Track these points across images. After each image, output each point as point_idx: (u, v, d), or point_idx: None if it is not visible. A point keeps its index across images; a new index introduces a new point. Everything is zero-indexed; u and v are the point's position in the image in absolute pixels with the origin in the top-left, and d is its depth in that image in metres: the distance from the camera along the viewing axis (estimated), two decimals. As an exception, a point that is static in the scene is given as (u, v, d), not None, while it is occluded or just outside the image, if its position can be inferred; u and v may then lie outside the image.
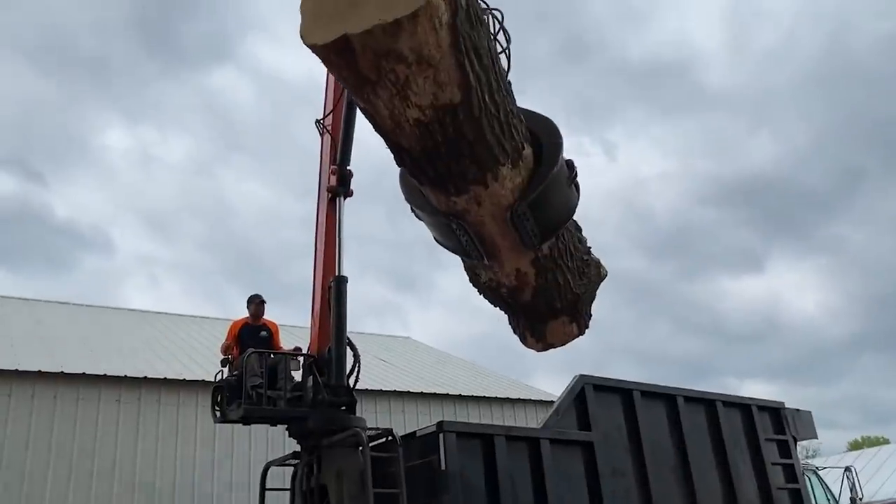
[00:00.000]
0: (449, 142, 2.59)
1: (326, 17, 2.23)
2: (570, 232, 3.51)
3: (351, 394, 7.18)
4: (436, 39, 2.22)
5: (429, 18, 2.16)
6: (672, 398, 8.74)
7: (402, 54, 2.23)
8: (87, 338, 15.03)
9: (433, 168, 2.78)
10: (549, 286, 3.49)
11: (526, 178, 2.98)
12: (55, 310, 17.72)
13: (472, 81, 2.42)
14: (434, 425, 6.95)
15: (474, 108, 2.49)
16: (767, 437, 9.56)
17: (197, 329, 18.19)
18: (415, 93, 2.39)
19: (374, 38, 2.17)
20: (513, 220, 3.02)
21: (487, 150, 2.69)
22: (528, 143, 2.99)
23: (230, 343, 8.02)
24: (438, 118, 2.49)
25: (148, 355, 14.25)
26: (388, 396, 14.33)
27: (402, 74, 2.31)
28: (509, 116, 2.72)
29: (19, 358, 11.97)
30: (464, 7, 2.30)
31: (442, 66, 2.32)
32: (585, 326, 3.98)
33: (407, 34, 2.17)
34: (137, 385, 12.17)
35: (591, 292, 3.79)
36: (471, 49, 2.36)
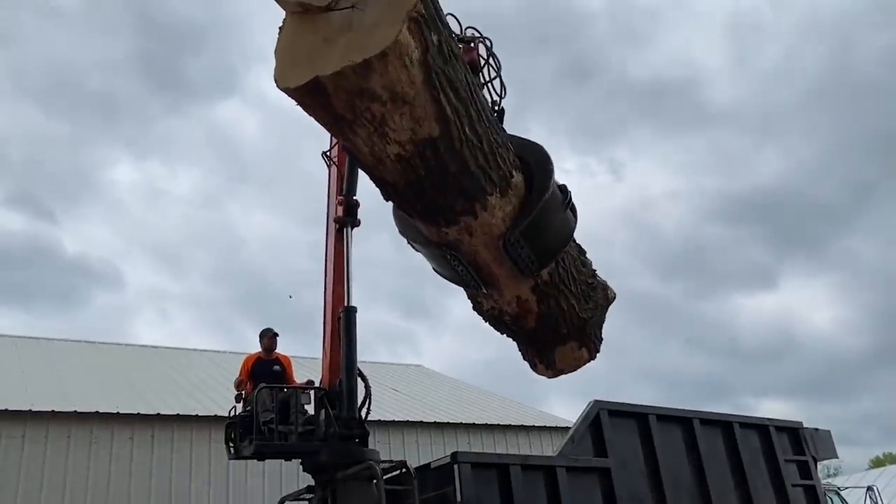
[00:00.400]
0: (432, 175, 2.58)
1: (299, 60, 2.24)
2: (571, 256, 3.46)
3: (363, 426, 7.15)
4: (408, 77, 2.23)
5: (398, 57, 2.17)
6: (688, 421, 8.65)
7: (376, 93, 2.24)
8: (100, 376, 15.04)
9: (420, 201, 2.75)
10: (552, 312, 3.44)
11: (517, 206, 2.94)
12: (67, 348, 17.75)
13: (450, 115, 2.42)
14: (448, 456, 6.89)
15: (454, 140, 2.48)
16: (787, 458, 9.44)
17: (208, 363, 18.18)
18: (392, 129, 2.40)
19: (346, 78, 2.17)
20: (506, 248, 2.99)
21: (473, 180, 2.68)
22: (517, 170, 2.95)
23: (243, 378, 8.03)
24: (419, 152, 2.49)
25: (160, 392, 14.23)
26: (401, 427, 14.23)
27: (378, 112, 2.31)
28: (494, 146, 2.70)
29: (32, 398, 11.97)
30: (435, 43, 2.31)
31: (417, 102, 2.33)
32: (596, 351, 3.93)
33: (378, 73, 2.17)
34: (150, 422, 12.13)
35: (600, 316, 3.73)
36: (446, 83, 2.36)
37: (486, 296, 3.43)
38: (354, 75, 2.16)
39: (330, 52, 2.19)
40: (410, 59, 2.19)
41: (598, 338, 3.78)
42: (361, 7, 2.26)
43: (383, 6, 2.20)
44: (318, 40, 2.25)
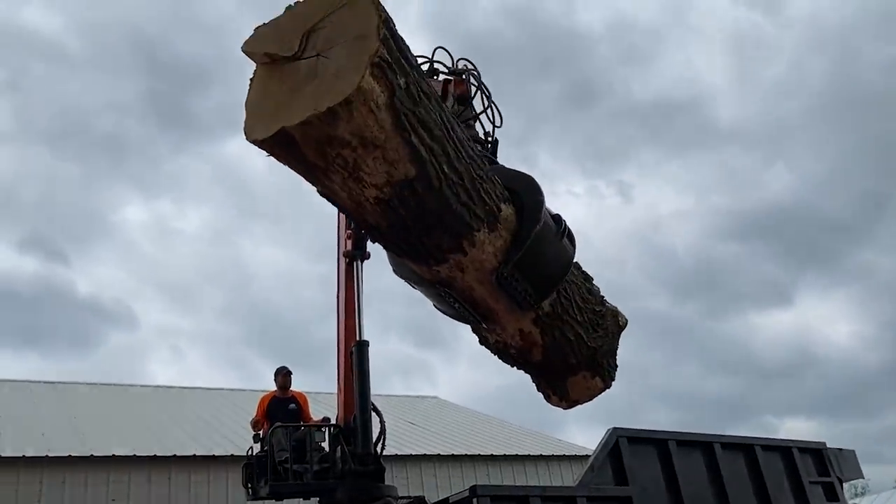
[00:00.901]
0: (414, 215, 2.57)
1: (267, 111, 2.25)
2: (575, 285, 3.40)
3: (379, 461, 7.09)
4: (376, 121, 2.23)
5: (363, 102, 2.17)
6: (709, 446, 8.51)
7: (345, 139, 2.23)
8: (115, 418, 15.03)
9: (405, 242, 2.72)
10: (558, 343, 3.39)
11: (508, 239, 2.87)
12: (82, 392, 17.78)
13: (425, 155, 2.41)
14: (467, 490, 6.79)
15: (433, 179, 2.47)
16: (812, 480, 9.25)
17: (223, 401, 18.14)
18: (367, 173, 2.39)
19: (313, 127, 2.17)
20: (500, 283, 2.94)
21: (457, 218, 2.66)
22: (506, 202, 2.90)
23: (259, 418, 8.01)
24: (397, 194, 2.48)
25: (176, 432, 14.20)
26: (418, 461, 14.11)
27: (350, 158, 2.31)
28: (476, 181, 2.67)
29: (49, 443, 11.97)
30: (402, 86, 2.30)
31: (389, 145, 2.32)
32: (611, 379, 3.86)
33: (344, 120, 2.17)
34: (167, 464, 12.09)
35: (611, 343, 3.67)
36: (417, 124, 2.34)
37: (488, 330, 3.37)
38: (321, 123, 2.17)
39: (296, 102, 2.20)
40: (376, 104, 2.20)
41: (611, 366, 3.73)
42: (326, 55, 2.27)
43: (346, 53, 2.21)
44: (286, 90, 2.27)
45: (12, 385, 17.48)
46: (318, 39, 2.31)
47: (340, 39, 2.26)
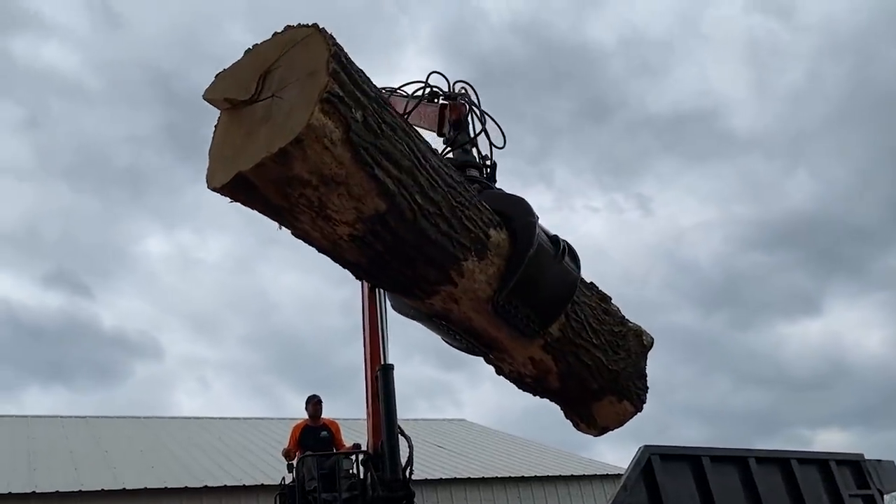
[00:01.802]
0: (392, 250, 2.49)
1: (226, 157, 2.22)
2: (588, 306, 3.23)
3: (407, 487, 7.06)
4: (332, 158, 2.16)
5: (316, 140, 2.10)
6: (743, 461, 8.37)
7: (303, 178, 2.18)
8: (146, 451, 15.12)
9: (389, 277, 2.64)
10: (574, 369, 3.20)
11: (502, 266, 2.76)
12: (112, 425, 17.93)
13: (392, 187, 2.33)
14: (499, 512, 6.74)
15: (405, 211, 2.39)
16: (851, 494, 9.05)
17: (252, 430, 18.19)
18: (335, 211, 2.32)
19: (268, 170, 2.13)
20: (497, 312, 2.81)
21: (439, 249, 2.56)
22: (497, 227, 2.78)
23: (291, 447, 8.07)
24: (370, 229, 2.40)
25: (206, 463, 14.25)
26: (448, 484, 14.01)
27: (314, 197, 2.25)
28: (458, 209, 2.58)
29: (81, 478, 12.07)
30: (359, 119, 2.21)
31: (352, 181, 2.25)
32: (641, 402, 3.56)
33: (298, 160, 2.12)
34: (199, 495, 12.13)
35: (635, 364, 3.45)
36: (380, 157, 2.27)
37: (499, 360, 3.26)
38: (275, 165, 2.11)
39: (252, 145, 2.16)
40: (331, 140, 2.12)
41: (640, 388, 3.53)
42: (280, 95, 2.23)
43: (298, 92, 2.17)
44: (243, 134, 2.23)
45: (46, 420, 17.69)
46: (273, 80, 2.28)
47: (293, 78, 2.23)
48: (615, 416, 3.51)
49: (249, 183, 2.18)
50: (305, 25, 2.27)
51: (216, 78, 2.46)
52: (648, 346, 3.54)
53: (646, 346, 3.52)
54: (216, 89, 2.43)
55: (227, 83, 2.41)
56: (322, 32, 2.25)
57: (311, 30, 2.26)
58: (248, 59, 2.40)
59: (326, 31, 2.26)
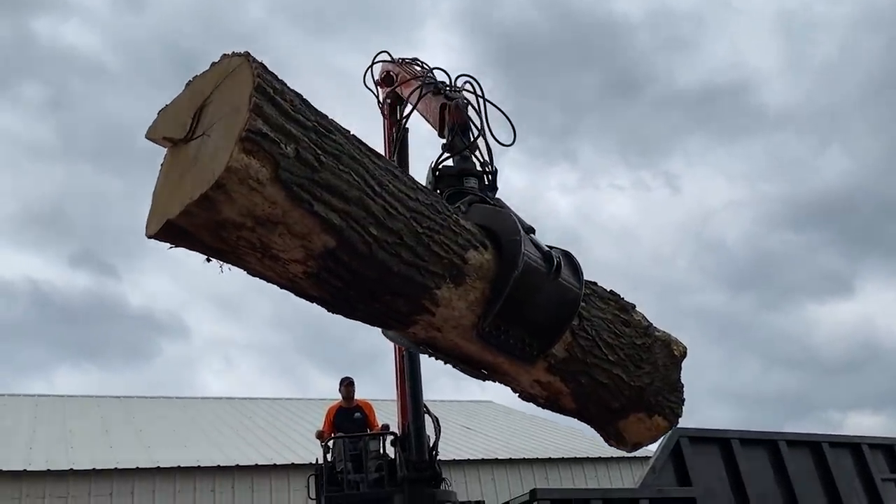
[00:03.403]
0: (353, 285, 2.32)
1: (162, 202, 2.09)
2: (603, 320, 2.99)
3: (434, 467, 7.12)
4: (262, 198, 1.99)
5: (239, 183, 1.93)
6: (774, 444, 8.30)
7: (236, 222, 2.01)
8: (178, 430, 15.42)
9: (357, 311, 2.48)
10: (588, 390, 2.96)
11: (486, 289, 2.56)
12: (145, 405, 18.29)
13: (338, 222, 2.15)
14: (527, 494, 6.78)
15: (358, 245, 2.21)
16: (884, 478, 8.94)
17: (281, 411, 18.45)
18: (281, 251, 2.14)
19: (195, 216, 1.98)
20: (483, 340, 2.60)
21: (404, 280, 2.36)
22: (479, 247, 2.58)
23: (325, 429, 8.20)
24: (324, 266, 2.22)
25: (237, 442, 14.49)
26: (476, 465, 14.10)
27: (253, 238, 2.08)
28: (424, 236, 2.39)
29: (117, 456, 12.35)
30: (290, 155, 2.02)
31: (290, 219, 2.07)
32: (675, 416, 3.26)
33: (224, 204, 1.96)
34: (230, 473, 12.35)
35: (665, 378, 3.17)
36: (319, 192, 2.09)
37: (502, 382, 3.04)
38: (201, 211, 1.95)
39: (181, 189, 2.00)
40: (257, 181, 1.94)
41: (673, 401, 3.28)
42: (209, 134, 2.05)
43: (223, 130, 2.00)
44: (176, 177, 2.07)
45: (81, 400, 18.10)
46: (206, 117, 2.10)
47: (220, 115, 2.04)
48: (646, 432, 3.27)
49: (182, 230, 2.02)
50: (238, 54, 2.10)
51: (158, 114, 2.32)
52: (681, 357, 3.27)
53: (677, 357, 3.24)
54: (156, 127, 2.28)
55: (167, 120, 2.25)
56: (250, 62, 2.06)
57: (241, 59, 2.08)
58: (186, 93, 2.23)
59: (256, 60, 2.07)
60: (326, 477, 7.45)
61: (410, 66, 4.95)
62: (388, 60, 5.39)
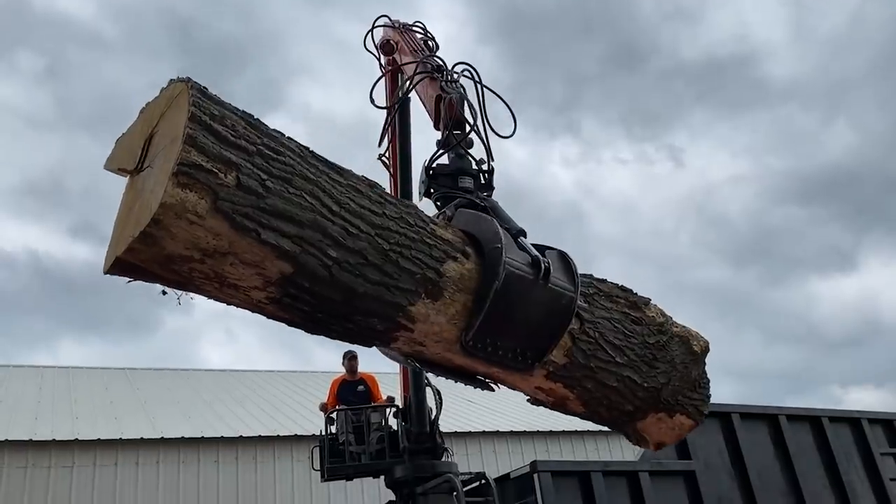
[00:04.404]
0: (320, 308, 2.21)
1: (115, 236, 2.02)
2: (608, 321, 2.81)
3: (434, 439, 7.20)
4: (204, 231, 1.90)
5: (176, 218, 1.85)
6: (773, 418, 8.37)
7: (182, 255, 1.94)
8: (183, 402, 15.54)
9: (332, 332, 2.38)
10: (595, 395, 2.81)
11: (469, 301, 2.43)
12: (150, 377, 18.42)
13: (290, 248, 2.04)
14: (528, 465, 6.85)
15: (317, 269, 2.10)
16: (883, 452, 9.01)
17: (284, 383, 18.57)
18: (237, 279, 2.05)
19: (140, 252, 1.91)
20: (469, 353, 2.48)
21: (374, 300, 2.25)
22: (460, 257, 2.45)
23: (329, 401, 8.30)
24: (285, 293, 2.13)
25: (241, 414, 14.60)
26: (477, 438, 14.22)
27: (206, 269, 2.00)
28: (392, 252, 2.26)
29: (122, 427, 12.47)
30: (230, 184, 1.92)
31: (239, 249, 1.98)
32: (700, 413, 3.09)
33: (166, 240, 1.89)
34: (234, 444, 12.47)
35: (683, 376, 2.99)
36: (266, 219, 2.00)
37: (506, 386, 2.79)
38: (144, 247, 1.88)
39: (128, 225, 1.93)
40: (196, 214, 1.85)
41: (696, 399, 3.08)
42: (152, 165, 1.96)
43: (163, 162, 1.90)
44: (127, 209, 2.00)
45: (87, 372, 18.24)
46: (153, 147, 2.00)
47: (163, 145, 1.95)
48: (669, 431, 3.09)
49: (132, 265, 1.95)
50: (180, 80, 2.00)
51: (115, 143, 2.22)
52: (702, 353, 3.06)
53: (697, 353, 3.03)
54: (112, 157, 2.19)
55: (122, 149, 2.16)
56: (189, 88, 1.95)
57: (182, 86, 1.98)
58: (139, 121, 2.13)
59: (196, 86, 1.97)
60: (329, 448, 7.54)
61: (412, 33, 4.86)
62: (388, 25, 5.30)
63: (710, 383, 3.16)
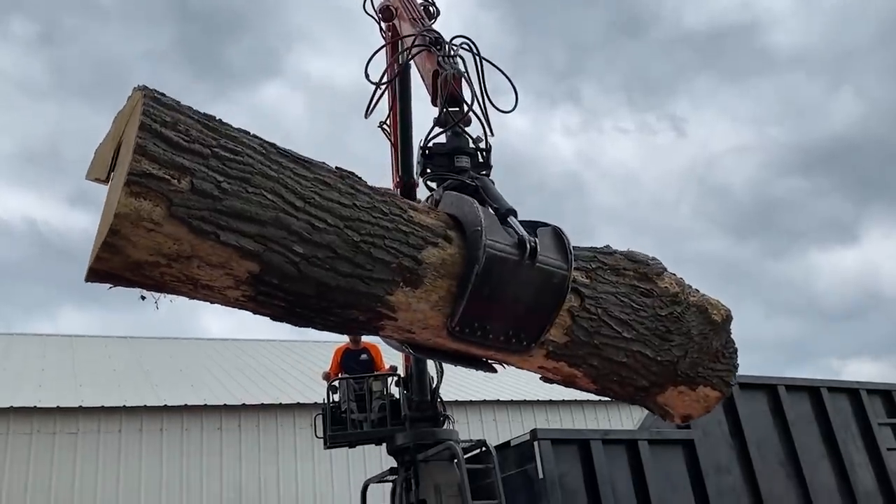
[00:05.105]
0: (297, 304, 2.21)
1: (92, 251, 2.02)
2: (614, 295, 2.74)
3: (435, 408, 7.26)
4: (164, 237, 1.92)
5: (133, 226, 1.86)
6: (773, 388, 8.42)
7: (148, 261, 1.95)
8: (185, 370, 15.65)
9: (315, 324, 2.37)
10: (603, 372, 2.73)
11: (453, 286, 2.40)
12: (152, 345, 18.53)
13: (253, 247, 2.04)
14: (528, 433, 6.91)
15: (283, 266, 2.10)
16: (881, 422, 9.08)
17: (286, 352, 18.69)
18: (209, 280, 2.06)
19: (107, 262, 1.92)
20: (457, 339, 2.44)
21: (348, 293, 2.24)
22: (440, 242, 2.41)
23: (332, 370, 8.35)
24: (258, 291, 2.14)
25: (244, 382, 14.71)
26: (478, 406, 14.33)
27: (176, 273, 2.02)
28: (363, 243, 2.24)
29: (125, 395, 12.57)
30: (184, 189, 1.92)
31: (202, 252, 1.99)
32: (726, 384, 2.99)
33: (127, 248, 1.90)
34: (237, 412, 12.58)
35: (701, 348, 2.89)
36: (224, 220, 1.99)
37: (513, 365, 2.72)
38: (110, 256, 1.89)
39: (99, 234, 1.94)
40: (152, 221, 1.86)
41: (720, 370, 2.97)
42: (116, 175, 1.96)
43: (121, 171, 1.90)
44: (102, 219, 2.01)
45: (89, 340, 18.34)
46: (120, 155, 2.00)
47: (125, 153, 1.94)
48: (694, 404, 2.99)
49: (108, 273, 1.97)
50: (139, 88, 2.00)
51: (94, 152, 2.20)
52: (723, 322, 2.93)
53: (718, 323, 2.91)
54: (91, 166, 2.18)
55: (98, 158, 2.15)
56: (143, 97, 1.94)
57: (139, 94, 1.97)
58: (111, 129, 2.13)
59: (150, 94, 1.96)
60: (332, 416, 7.61)
61: None
62: None
63: (737, 352, 3.07)
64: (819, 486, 8.03)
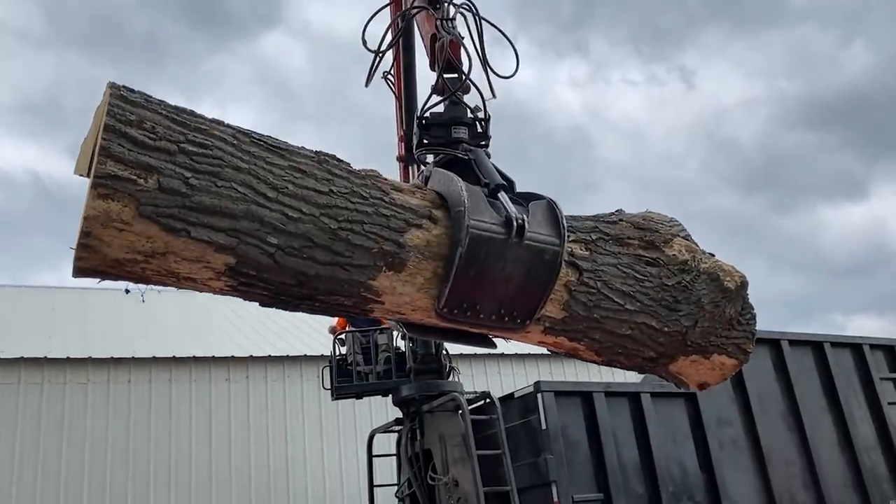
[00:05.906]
0: (280, 292, 2.21)
1: None
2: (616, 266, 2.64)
3: (439, 360, 7.36)
4: (135, 236, 1.92)
5: (103, 227, 1.86)
6: (776, 343, 8.46)
7: (126, 259, 1.96)
8: (193, 323, 15.80)
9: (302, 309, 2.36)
10: (607, 345, 2.67)
11: (439, 267, 2.35)
12: (160, 298, 18.66)
13: (226, 241, 2.02)
14: (531, 385, 6.99)
15: (260, 257, 2.08)
16: (882, 377, 9.14)
17: (293, 306, 18.82)
18: (189, 273, 2.07)
19: (87, 260, 1.93)
20: (446, 321, 2.40)
21: (329, 280, 2.21)
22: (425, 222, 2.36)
23: (339, 323, 8.43)
24: (238, 281, 2.13)
25: (251, 334, 14.86)
26: (482, 359, 14.45)
27: (156, 268, 2.02)
28: (342, 230, 2.21)
29: (133, 346, 12.72)
30: (151, 188, 1.90)
31: (176, 248, 1.98)
32: (743, 351, 2.91)
33: (102, 247, 1.90)
34: (244, 364, 12.73)
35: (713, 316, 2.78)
36: (195, 216, 1.98)
37: None
38: (89, 255, 1.89)
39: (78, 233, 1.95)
40: (122, 221, 1.86)
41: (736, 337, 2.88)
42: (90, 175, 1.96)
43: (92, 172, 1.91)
44: None
45: (97, 292, 18.48)
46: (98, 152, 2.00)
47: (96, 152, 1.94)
48: (709, 372, 2.92)
49: (94, 270, 1.98)
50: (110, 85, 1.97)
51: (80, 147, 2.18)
52: (738, 288, 2.81)
53: (731, 290, 2.79)
54: (77, 161, 2.16)
55: (83, 154, 2.13)
56: (110, 96, 1.91)
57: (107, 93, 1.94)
58: (93, 125, 2.10)
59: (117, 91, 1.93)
60: (338, 369, 7.73)
61: None
62: None
63: (755, 318, 2.97)
64: (819, 439, 8.13)
